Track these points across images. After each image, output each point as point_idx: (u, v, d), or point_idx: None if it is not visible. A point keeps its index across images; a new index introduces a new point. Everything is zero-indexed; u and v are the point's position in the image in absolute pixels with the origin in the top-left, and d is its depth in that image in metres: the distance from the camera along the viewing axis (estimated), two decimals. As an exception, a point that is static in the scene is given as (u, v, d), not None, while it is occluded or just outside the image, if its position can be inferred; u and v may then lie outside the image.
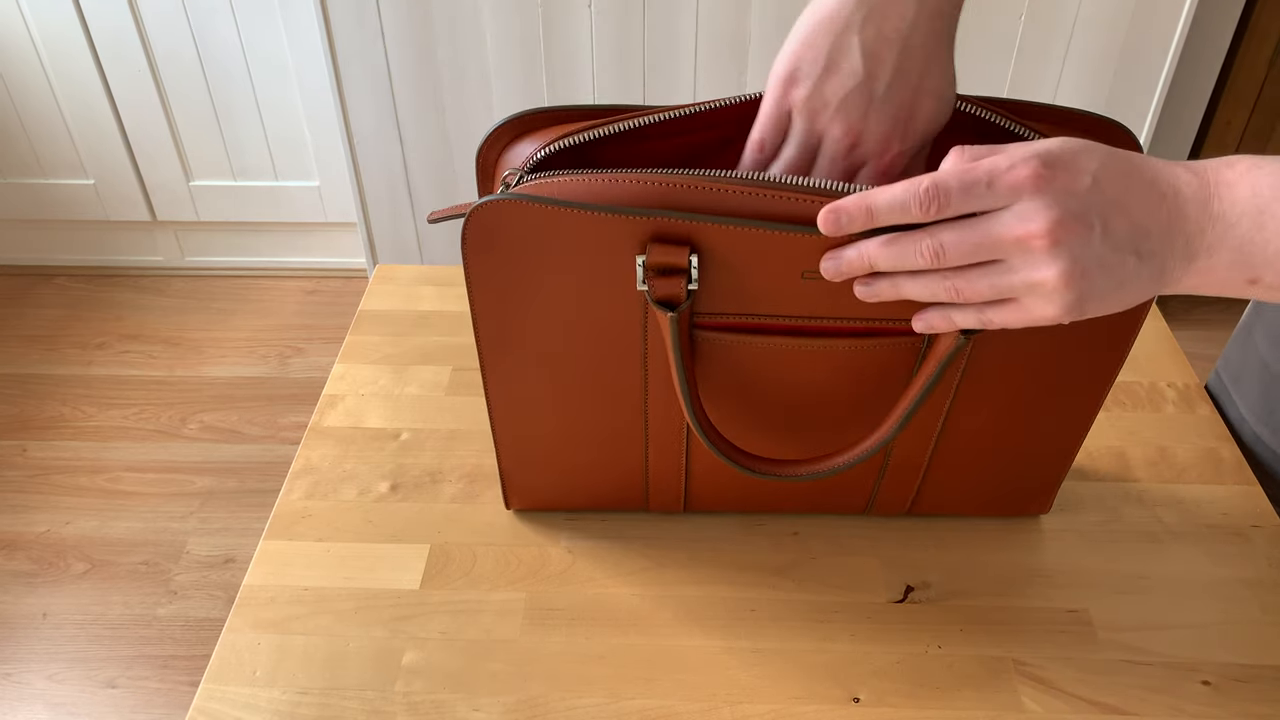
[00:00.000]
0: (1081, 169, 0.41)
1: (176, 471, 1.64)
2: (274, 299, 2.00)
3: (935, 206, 0.41)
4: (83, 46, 1.72)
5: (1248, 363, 0.74)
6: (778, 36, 1.51)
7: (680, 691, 0.57)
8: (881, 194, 0.43)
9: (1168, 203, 0.41)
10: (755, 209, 0.47)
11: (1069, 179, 0.40)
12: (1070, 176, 0.40)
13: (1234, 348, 0.77)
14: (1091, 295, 0.42)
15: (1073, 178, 0.40)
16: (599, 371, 0.56)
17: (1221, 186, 0.41)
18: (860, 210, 0.43)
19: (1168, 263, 0.42)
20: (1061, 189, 0.40)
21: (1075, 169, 0.41)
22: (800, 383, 0.55)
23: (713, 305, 0.51)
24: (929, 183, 0.41)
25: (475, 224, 0.49)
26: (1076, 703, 0.56)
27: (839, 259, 0.46)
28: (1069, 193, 0.40)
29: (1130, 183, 0.41)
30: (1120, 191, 0.41)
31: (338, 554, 0.64)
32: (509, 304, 0.53)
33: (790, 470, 0.55)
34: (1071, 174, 0.41)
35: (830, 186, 0.46)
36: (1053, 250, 0.40)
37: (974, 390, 0.56)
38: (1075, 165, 0.41)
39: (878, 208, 0.43)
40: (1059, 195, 0.40)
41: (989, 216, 0.42)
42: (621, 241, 0.48)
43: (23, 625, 1.41)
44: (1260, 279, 0.41)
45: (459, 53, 1.53)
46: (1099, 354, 0.55)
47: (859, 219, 0.43)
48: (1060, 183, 0.40)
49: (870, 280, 0.46)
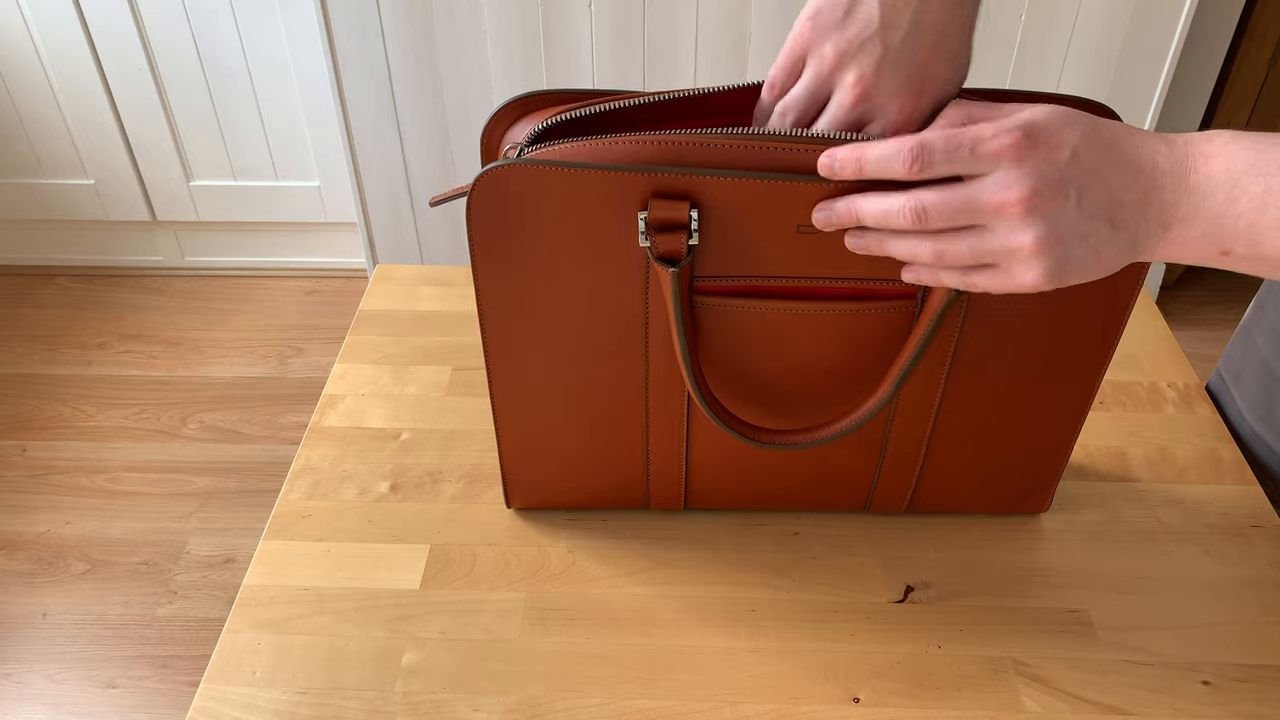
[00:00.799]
0: (1063, 141, 0.42)
1: (176, 471, 1.64)
2: (274, 299, 2.00)
3: (919, 166, 0.43)
4: (83, 46, 1.72)
5: (1248, 362, 0.74)
6: (778, 35, 1.51)
7: (680, 691, 0.57)
8: (873, 147, 0.44)
9: (1144, 176, 0.43)
10: (752, 161, 0.48)
11: (1049, 150, 0.42)
12: (1050, 148, 0.42)
13: (1235, 347, 0.77)
14: (1068, 262, 0.43)
15: (1053, 149, 0.42)
16: (600, 347, 0.56)
17: (1198, 159, 0.42)
18: (851, 159, 0.45)
19: (1141, 231, 0.43)
20: (1041, 159, 0.42)
21: (1056, 141, 0.42)
22: (798, 351, 0.55)
23: (712, 268, 0.52)
24: (915, 142, 0.43)
25: (480, 192, 0.49)
26: (1076, 703, 0.56)
27: (829, 209, 0.48)
28: (1048, 162, 0.42)
29: (1109, 156, 0.43)
30: (1098, 163, 0.42)
31: (338, 554, 0.64)
32: (513, 276, 0.53)
33: (790, 439, 0.56)
34: (1052, 146, 0.42)
35: (828, 135, 0.47)
36: (1028, 217, 0.42)
37: (968, 374, 0.57)
38: (1057, 137, 0.42)
39: (866, 160, 0.45)
40: (1038, 165, 0.42)
41: (970, 182, 0.43)
42: (623, 200, 0.49)
43: (23, 625, 1.41)
44: (1231, 250, 0.42)
45: (459, 53, 1.53)
46: (1091, 337, 0.55)
47: (849, 167, 0.45)
48: (1040, 153, 0.42)
49: (859, 233, 0.48)
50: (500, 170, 0.49)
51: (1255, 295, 0.77)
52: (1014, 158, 0.42)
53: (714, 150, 0.48)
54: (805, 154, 0.47)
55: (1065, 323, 0.54)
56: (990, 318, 0.54)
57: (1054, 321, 0.54)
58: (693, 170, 0.48)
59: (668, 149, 0.48)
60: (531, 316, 0.55)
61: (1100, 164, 0.42)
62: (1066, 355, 0.56)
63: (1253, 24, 1.63)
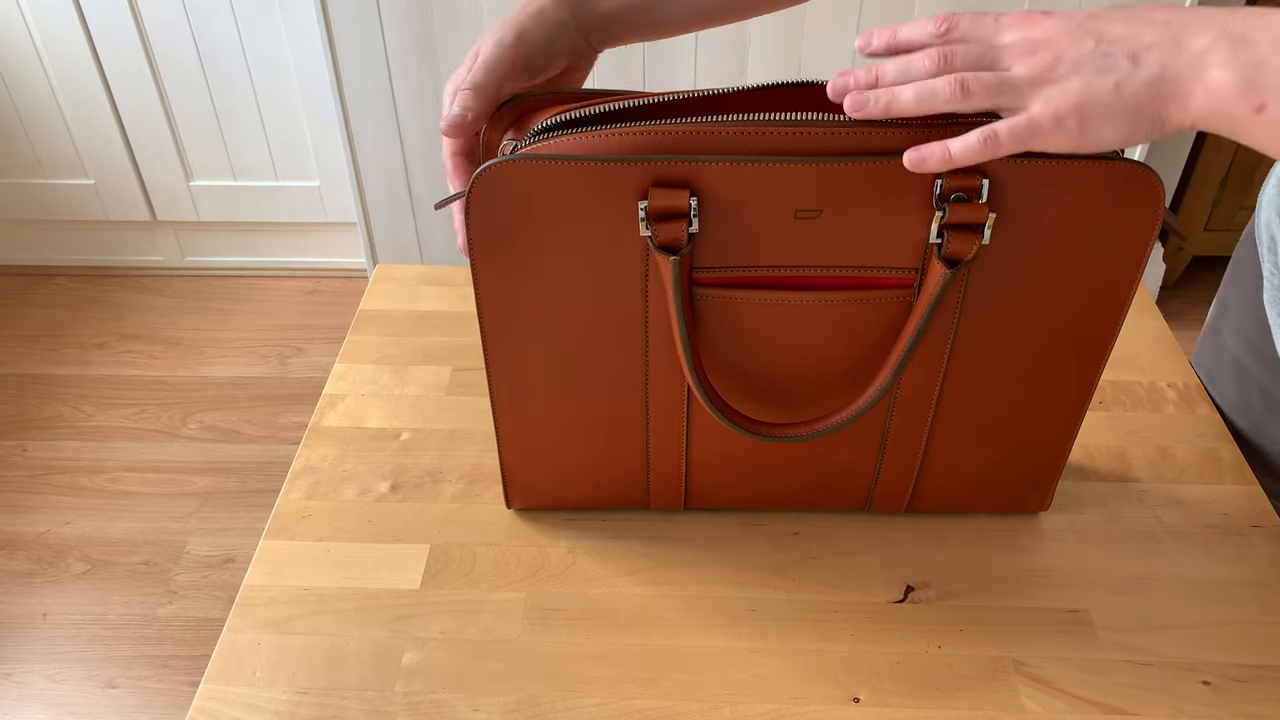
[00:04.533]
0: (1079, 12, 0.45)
1: (176, 471, 1.64)
2: (274, 299, 2.00)
3: (946, 25, 0.46)
4: (83, 46, 1.72)
5: (1219, 361, 0.75)
6: (778, 36, 1.51)
7: (680, 691, 0.57)
8: (906, 23, 0.48)
9: (1174, 24, 0.43)
10: (748, 146, 0.48)
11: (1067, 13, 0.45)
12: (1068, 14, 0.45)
13: (1204, 347, 0.79)
14: (1088, 95, 0.43)
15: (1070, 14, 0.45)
16: (600, 343, 0.56)
17: (1249, 14, 0.42)
18: (888, 30, 0.48)
19: (1170, 70, 0.42)
20: (1060, 17, 0.45)
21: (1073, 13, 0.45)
22: (797, 342, 0.55)
23: (711, 259, 0.52)
24: (943, 13, 0.47)
25: (479, 190, 0.50)
26: (1076, 703, 0.56)
27: (848, 75, 0.48)
28: (1066, 18, 0.45)
29: (1131, 14, 0.44)
30: (1119, 18, 0.44)
31: (338, 554, 0.64)
32: (513, 273, 0.53)
33: (790, 431, 0.56)
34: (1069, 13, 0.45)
35: (824, 118, 0.48)
36: (1047, 47, 0.43)
37: (967, 365, 0.57)
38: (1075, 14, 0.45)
39: (901, 27, 0.48)
40: (1057, 20, 0.45)
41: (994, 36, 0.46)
42: (621, 191, 0.49)
43: (23, 625, 1.41)
44: (1266, 105, 0.40)
45: (459, 53, 1.53)
46: (1091, 327, 0.55)
47: (885, 35, 0.48)
48: (1059, 15, 0.45)
49: (863, 92, 0.47)
50: (498, 167, 0.49)
51: (1216, 295, 0.78)
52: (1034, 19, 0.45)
53: (709, 138, 0.48)
54: (800, 136, 0.48)
55: (1064, 312, 0.55)
56: (989, 306, 0.54)
57: (1053, 310, 0.54)
58: (689, 157, 0.48)
59: (664, 139, 0.48)
60: (531, 314, 0.55)
61: (1122, 18, 0.44)
62: (1066, 346, 0.56)
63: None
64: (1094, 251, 0.52)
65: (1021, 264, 0.52)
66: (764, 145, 0.48)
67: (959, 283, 0.53)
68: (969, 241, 0.49)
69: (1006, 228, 0.50)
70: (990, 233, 0.50)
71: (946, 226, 0.49)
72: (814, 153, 0.48)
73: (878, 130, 0.48)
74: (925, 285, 0.52)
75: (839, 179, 0.49)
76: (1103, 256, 0.52)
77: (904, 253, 0.51)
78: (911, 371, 0.57)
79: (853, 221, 0.50)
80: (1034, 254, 0.52)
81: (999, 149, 0.44)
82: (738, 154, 0.48)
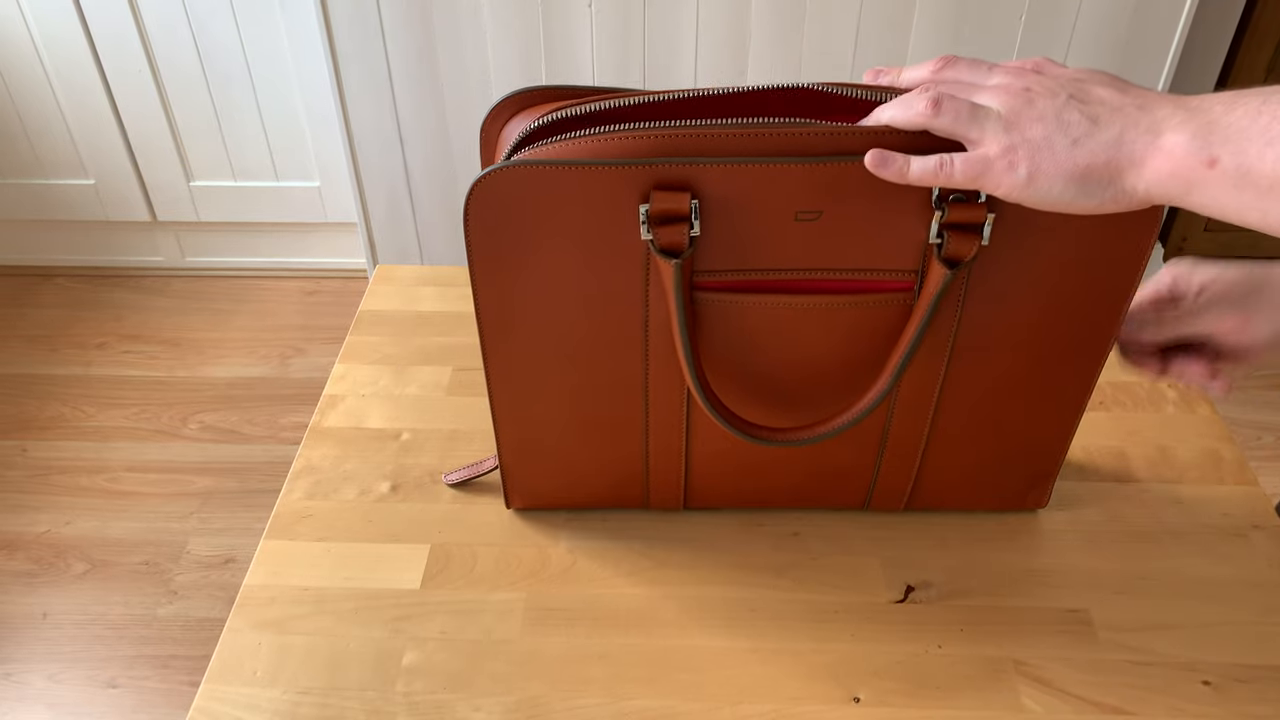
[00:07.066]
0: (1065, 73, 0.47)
1: (177, 471, 1.64)
2: (274, 299, 2.00)
3: (944, 62, 0.49)
4: (83, 46, 1.72)
5: None
6: (778, 36, 1.51)
7: (680, 691, 0.57)
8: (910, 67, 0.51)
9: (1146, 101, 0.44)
10: (748, 147, 0.48)
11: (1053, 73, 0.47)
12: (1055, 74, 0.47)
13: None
14: (1045, 147, 0.43)
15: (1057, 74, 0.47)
16: (601, 346, 0.56)
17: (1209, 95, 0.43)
18: (895, 69, 0.52)
19: (1129, 135, 0.43)
20: (1053, 72, 0.47)
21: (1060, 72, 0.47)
22: (797, 346, 0.55)
23: (711, 262, 0.52)
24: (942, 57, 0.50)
25: (478, 197, 0.50)
26: (1076, 703, 0.56)
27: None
28: (1050, 75, 0.46)
29: (1112, 81, 0.46)
30: (1098, 82, 0.45)
31: (338, 554, 0.64)
32: (513, 278, 0.53)
33: (790, 435, 0.56)
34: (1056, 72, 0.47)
35: (822, 125, 0.48)
36: (1024, 94, 0.45)
37: (967, 364, 0.57)
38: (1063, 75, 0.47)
39: (906, 69, 0.51)
40: (1047, 72, 0.47)
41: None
42: (622, 195, 0.49)
43: (23, 625, 1.41)
44: (1218, 159, 0.41)
45: (459, 53, 1.53)
46: (1090, 325, 0.55)
47: (889, 72, 0.51)
48: (1055, 69, 0.47)
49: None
50: (497, 174, 0.49)
51: None
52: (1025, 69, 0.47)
53: (709, 139, 0.48)
54: (800, 137, 0.48)
55: (1064, 312, 0.55)
56: (989, 307, 0.54)
57: (1053, 311, 0.55)
58: (689, 159, 0.48)
59: (663, 142, 0.48)
60: (531, 319, 0.55)
61: (1108, 83, 0.45)
62: (1066, 346, 0.56)
63: (1253, 24, 1.63)
64: (1094, 252, 0.52)
65: (1021, 265, 0.52)
66: (764, 146, 0.48)
67: (959, 284, 0.53)
68: (969, 242, 0.50)
69: (1006, 228, 0.50)
70: (990, 233, 0.50)
71: (946, 227, 0.49)
72: (814, 153, 0.48)
73: (878, 131, 0.48)
74: (926, 286, 0.52)
75: (839, 179, 0.49)
76: (1103, 256, 0.52)
77: (904, 254, 0.51)
78: (912, 373, 0.57)
79: (853, 222, 0.50)
80: (1034, 254, 0.52)
81: (951, 178, 0.45)
82: (738, 155, 0.48)
